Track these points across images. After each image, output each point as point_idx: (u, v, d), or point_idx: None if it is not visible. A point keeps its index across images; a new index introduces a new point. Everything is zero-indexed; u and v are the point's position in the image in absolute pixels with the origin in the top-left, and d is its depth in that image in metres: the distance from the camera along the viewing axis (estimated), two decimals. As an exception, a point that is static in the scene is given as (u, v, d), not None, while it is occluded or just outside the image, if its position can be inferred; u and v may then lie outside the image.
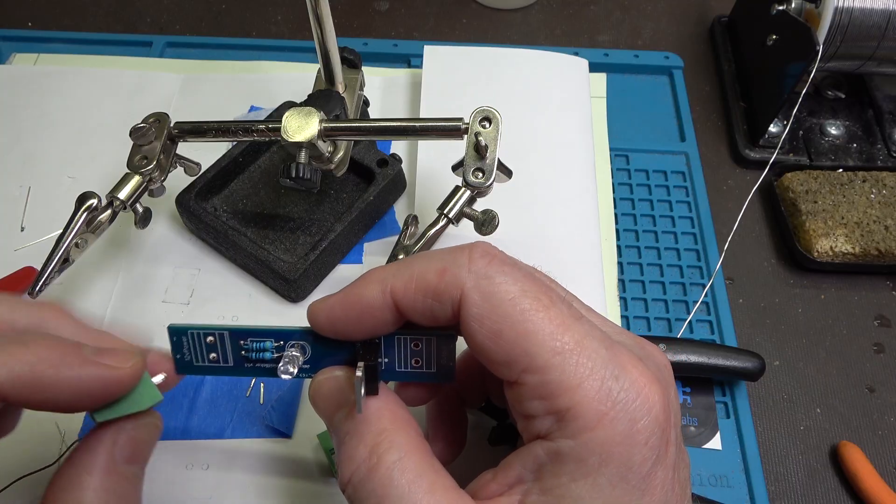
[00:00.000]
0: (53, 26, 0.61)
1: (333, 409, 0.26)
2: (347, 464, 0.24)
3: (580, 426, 0.22)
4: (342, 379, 0.26)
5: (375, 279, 0.25)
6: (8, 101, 0.52)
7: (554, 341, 0.22)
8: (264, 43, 0.59)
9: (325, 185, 0.46)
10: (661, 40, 0.63)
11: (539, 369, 0.22)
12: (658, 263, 0.48)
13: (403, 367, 0.27)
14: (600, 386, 0.22)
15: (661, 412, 0.23)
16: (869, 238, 0.47)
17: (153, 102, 0.53)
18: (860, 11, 0.48)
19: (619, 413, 0.22)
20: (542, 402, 0.22)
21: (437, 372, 0.27)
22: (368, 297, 0.25)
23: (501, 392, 0.30)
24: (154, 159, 0.39)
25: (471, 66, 0.53)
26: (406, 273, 0.25)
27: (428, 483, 0.23)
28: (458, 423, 0.31)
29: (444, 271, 0.24)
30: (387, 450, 0.24)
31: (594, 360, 0.22)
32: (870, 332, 0.47)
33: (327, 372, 0.27)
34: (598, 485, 0.22)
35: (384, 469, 0.23)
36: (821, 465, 0.42)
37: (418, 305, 0.24)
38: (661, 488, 0.23)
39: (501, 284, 0.23)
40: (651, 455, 0.22)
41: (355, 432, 0.25)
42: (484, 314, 0.23)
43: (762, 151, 0.54)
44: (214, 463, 0.38)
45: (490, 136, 0.37)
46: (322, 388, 0.26)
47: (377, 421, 0.25)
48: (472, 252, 0.24)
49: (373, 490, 0.23)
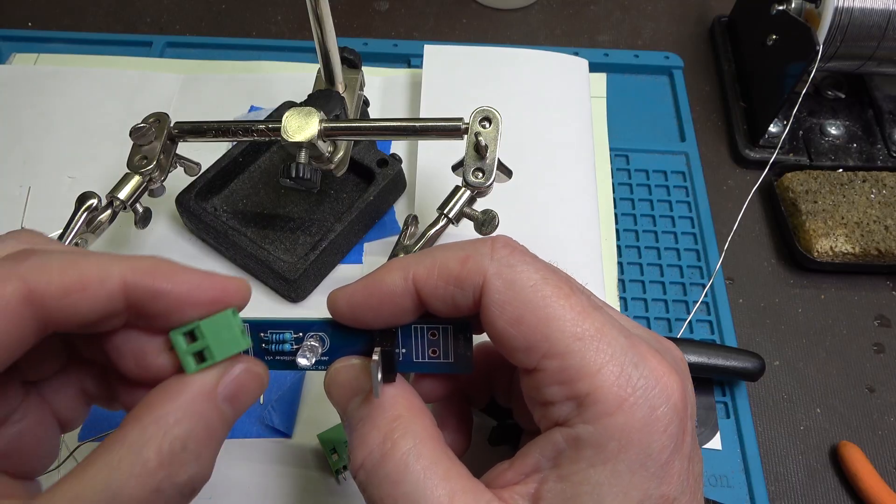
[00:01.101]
0: (53, 26, 0.61)
1: (349, 396, 0.26)
2: (360, 448, 0.24)
3: (600, 411, 0.22)
4: (358, 367, 0.26)
5: (398, 266, 0.25)
6: (8, 101, 0.52)
7: (575, 327, 0.23)
8: (264, 43, 0.59)
9: (325, 185, 0.46)
10: (661, 40, 0.63)
11: (559, 354, 0.22)
12: (658, 263, 0.48)
13: (421, 358, 0.27)
14: (620, 372, 0.22)
15: (679, 401, 0.23)
16: (869, 238, 0.47)
17: (153, 102, 0.53)
18: (860, 11, 0.48)
19: (639, 399, 0.22)
20: (561, 388, 0.23)
21: (454, 362, 0.27)
22: (390, 284, 0.25)
23: (507, 390, 0.30)
24: (154, 159, 0.39)
25: (471, 65, 0.53)
26: (428, 260, 0.25)
27: (443, 470, 0.23)
28: (464, 421, 0.31)
29: (466, 259, 0.24)
30: (402, 435, 0.23)
31: (614, 347, 0.23)
32: (870, 332, 0.47)
33: (344, 361, 0.27)
34: (616, 471, 0.22)
35: (399, 455, 0.23)
36: (821, 465, 0.42)
37: (440, 292, 0.24)
38: (678, 477, 0.23)
39: (523, 272, 0.23)
40: (669, 443, 0.22)
41: (369, 418, 0.24)
42: (506, 300, 0.23)
43: (762, 151, 0.54)
44: (214, 463, 0.38)
45: (490, 136, 0.37)
46: (338, 375, 0.26)
47: (392, 407, 0.24)
48: (494, 242, 0.24)
49: (387, 475, 0.23)
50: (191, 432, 0.21)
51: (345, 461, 0.37)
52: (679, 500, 0.23)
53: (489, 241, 0.25)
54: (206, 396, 0.23)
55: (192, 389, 0.22)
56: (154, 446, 0.21)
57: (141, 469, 0.20)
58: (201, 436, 0.22)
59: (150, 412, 0.21)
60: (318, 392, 0.40)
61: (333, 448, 0.37)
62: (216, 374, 0.23)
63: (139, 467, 0.20)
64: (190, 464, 0.21)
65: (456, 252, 0.24)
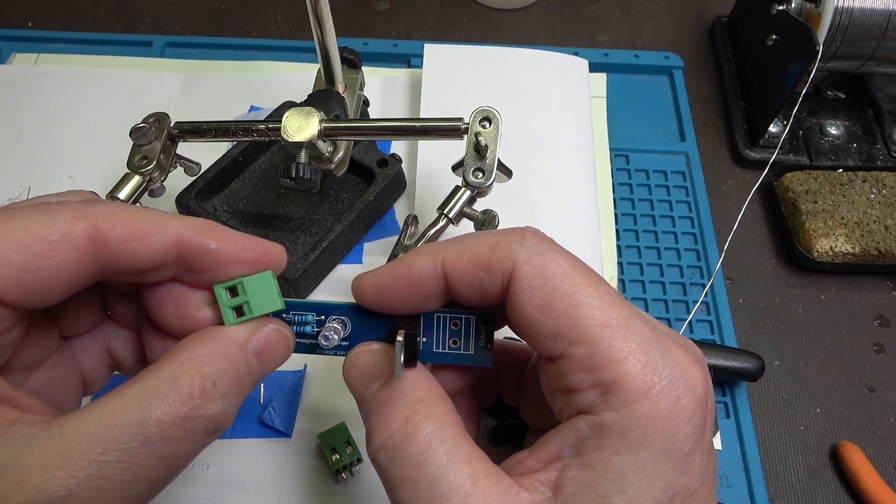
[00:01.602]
0: (53, 26, 0.61)
1: (368, 380, 0.26)
2: (380, 430, 0.24)
3: (625, 398, 0.22)
4: (379, 352, 0.26)
5: (426, 251, 0.26)
6: (8, 101, 0.52)
7: (603, 315, 0.23)
8: (264, 43, 0.59)
9: (325, 185, 0.46)
10: (661, 40, 0.63)
11: (587, 341, 0.23)
12: (658, 263, 0.48)
13: (441, 348, 0.27)
14: (647, 360, 0.22)
15: (703, 393, 0.23)
16: (869, 238, 0.47)
17: (153, 102, 0.53)
18: (860, 11, 0.48)
19: (665, 388, 0.22)
20: (587, 375, 0.23)
21: (474, 354, 0.27)
22: (419, 267, 0.25)
23: (515, 388, 0.30)
24: (154, 159, 0.39)
25: (471, 65, 0.53)
26: (459, 246, 0.25)
27: (466, 453, 0.23)
28: (472, 419, 0.31)
29: (497, 245, 0.24)
30: (425, 418, 0.24)
31: (640, 337, 0.23)
32: (870, 332, 0.47)
33: (364, 346, 0.27)
34: (640, 459, 0.22)
35: (422, 437, 0.23)
36: (821, 465, 0.42)
37: (468, 277, 0.25)
38: (699, 469, 0.23)
39: (553, 260, 0.24)
40: (693, 434, 0.22)
41: (390, 400, 0.25)
42: (535, 286, 0.23)
43: (762, 151, 0.54)
44: (214, 463, 0.38)
45: (490, 135, 0.37)
46: (358, 359, 0.26)
47: (414, 391, 0.25)
48: (524, 231, 0.25)
49: (408, 457, 0.23)
50: (222, 373, 0.23)
51: (345, 461, 0.37)
52: (699, 493, 0.23)
53: (519, 230, 0.25)
54: (239, 346, 0.24)
55: (227, 337, 0.24)
56: (188, 378, 0.22)
57: (174, 396, 0.22)
58: (230, 379, 0.23)
59: (188, 351, 0.23)
60: (319, 392, 0.40)
61: (333, 448, 0.37)
62: (250, 328, 0.25)
63: (173, 394, 0.22)
64: (217, 401, 0.23)
65: (487, 238, 0.25)
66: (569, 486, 0.23)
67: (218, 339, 0.24)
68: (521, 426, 0.31)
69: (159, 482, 0.22)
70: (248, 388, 0.25)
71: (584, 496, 0.22)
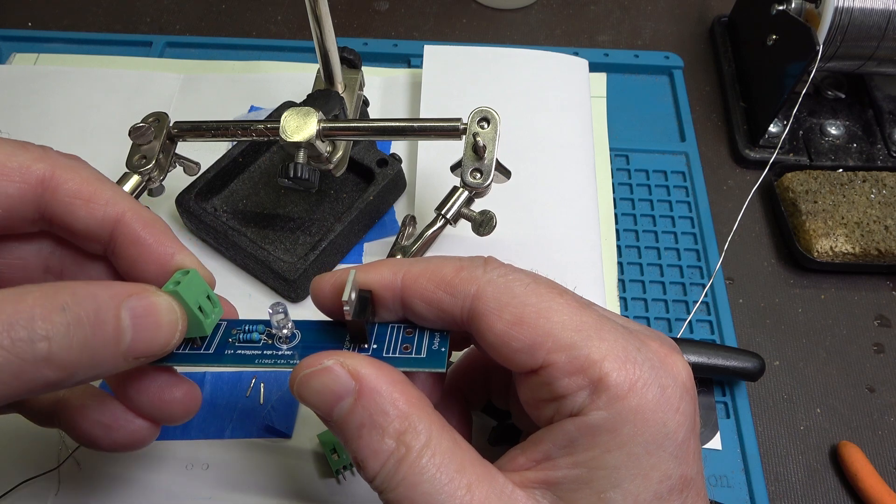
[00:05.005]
0: (53, 26, 0.61)
1: (332, 400, 0.23)
2: (374, 459, 0.23)
3: (612, 395, 0.22)
4: (333, 369, 0.24)
5: (389, 262, 0.26)
6: (8, 101, 0.52)
7: (574, 319, 0.23)
8: (264, 43, 0.59)
9: (325, 185, 0.46)
10: (661, 40, 0.63)
11: (566, 346, 0.23)
12: (658, 263, 0.48)
13: (392, 353, 0.26)
14: (626, 356, 0.23)
15: (686, 380, 0.24)
16: (869, 238, 0.47)
17: (153, 102, 0.53)
18: (860, 11, 0.48)
19: (649, 380, 0.23)
20: (573, 379, 0.23)
21: (426, 357, 0.25)
22: (379, 273, 0.25)
23: (504, 393, 0.30)
24: (153, 159, 0.39)
25: (471, 65, 0.53)
26: (423, 263, 0.25)
27: (457, 463, 0.23)
28: (463, 424, 0.31)
29: (461, 268, 0.25)
30: (413, 436, 0.23)
31: (614, 335, 0.23)
32: (870, 332, 0.47)
33: (313, 362, 0.24)
34: (633, 454, 0.22)
35: (413, 457, 0.23)
36: (821, 465, 0.42)
37: (428, 294, 0.25)
38: (694, 458, 0.23)
39: (515, 279, 0.24)
40: (685, 422, 0.23)
41: (372, 424, 0.23)
42: (504, 302, 0.24)
43: (762, 151, 0.54)
44: (214, 463, 0.38)
45: (488, 136, 0.37)
46: (311, 381, 0.24)
47: (394, 406, 0.23)
48: (487, 259, 0.25)
49: (403, 479, 0.23)
50: (78, 305, 0.22)
51: (345, 461, 0.37)
52: (696, 482, 0.23)
53: (482, 258, 0.26)
54: (114, 294, 0.23)
55: (109, 285, 0.23)
56: (38, 293, 0.21)
57: (12, 305, 0.20)
58: (86, 315, 0.22)
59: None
60: (318, 392, 0.40)
61: (333, 448, 0.37)
62: (139, 288, 0.24)
63: (12, 300, 0.21)
64: (59, 326, 0.21)
65: (451, 261, 0.25)
66: (563, 483, 0.23)
67: (103, 285, 0.23)
68: (519, 428, 0.31)
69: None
70: (106, 344, 0.22)
71: (579, 493, 0.23)
